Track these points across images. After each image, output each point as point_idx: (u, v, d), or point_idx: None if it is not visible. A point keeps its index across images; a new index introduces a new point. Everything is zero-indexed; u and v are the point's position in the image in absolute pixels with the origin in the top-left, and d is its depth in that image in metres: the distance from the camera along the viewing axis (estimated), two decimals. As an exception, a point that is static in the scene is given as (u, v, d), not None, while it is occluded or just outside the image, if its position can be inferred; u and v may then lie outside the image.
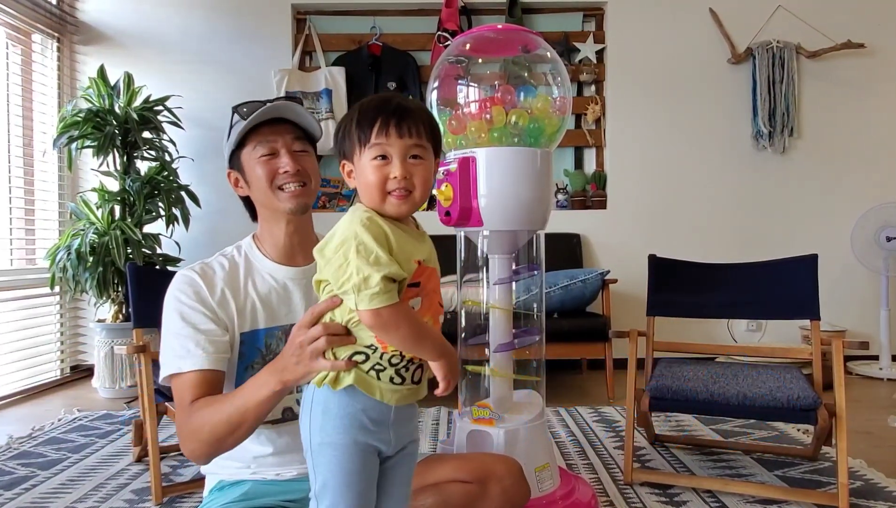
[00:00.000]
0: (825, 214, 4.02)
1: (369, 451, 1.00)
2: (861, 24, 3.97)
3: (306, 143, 1.30)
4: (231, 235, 1.46)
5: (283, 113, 1.27)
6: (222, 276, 1.26)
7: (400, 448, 1.04)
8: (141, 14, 4.00)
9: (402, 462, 1.06)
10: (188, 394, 1.16)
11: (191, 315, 1.21)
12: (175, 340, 1.20)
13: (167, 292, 1.25)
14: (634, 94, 4.05)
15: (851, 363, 3.79)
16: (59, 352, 3.80)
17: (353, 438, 0.98)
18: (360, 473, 0.99)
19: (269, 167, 1.25)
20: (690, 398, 1.92)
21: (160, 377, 1.23)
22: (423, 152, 0.99)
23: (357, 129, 0.98)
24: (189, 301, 1.22)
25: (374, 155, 0.97)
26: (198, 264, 1.28)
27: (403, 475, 1.07)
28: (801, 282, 2.09)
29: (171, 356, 1.20)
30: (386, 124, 0.96)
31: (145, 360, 2.01)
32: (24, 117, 3.67)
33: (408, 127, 0.97)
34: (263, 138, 1.26)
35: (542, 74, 1.69)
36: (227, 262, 1.29)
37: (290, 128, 1.28)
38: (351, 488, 0.98)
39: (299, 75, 3.99)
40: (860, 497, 1.89)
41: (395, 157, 0.96)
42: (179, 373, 1.18)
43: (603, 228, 4.05)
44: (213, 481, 1.31)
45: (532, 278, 1.73)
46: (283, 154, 1.26)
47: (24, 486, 2.10)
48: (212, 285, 1.24)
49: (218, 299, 1.23)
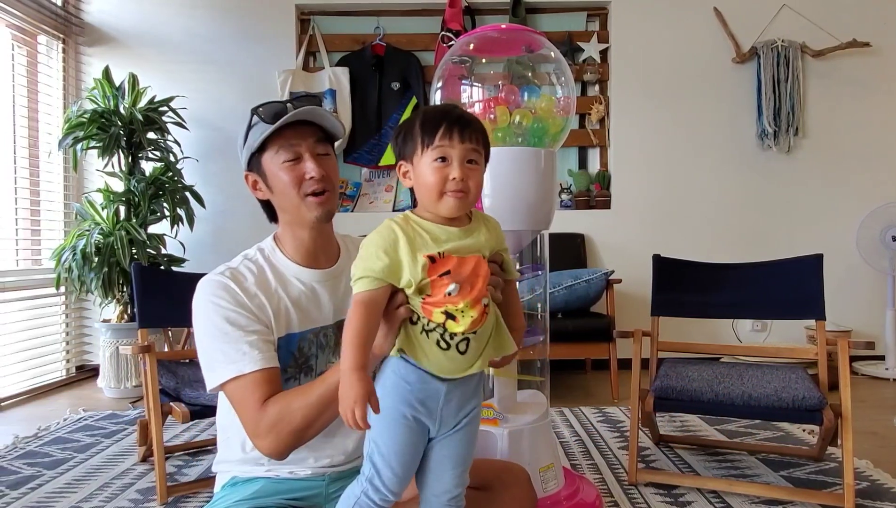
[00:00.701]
0: (830, 213, 4.00)
1: (418, 426, 1.07)
2: (866, 23, 3.96)
3: (328, 144, 1.28)
4: (235, 235, 1.46)
5: (308, 116, 1.24)
6: (253, 281, 1.24)
7: (453, 429, 1.09)
8: (145, 15, 4.01)
9: (452, 443, 1.10)
10: (257, 394, 1.14)
11: (236, 319, 1.18)
12: (225, 344, 1.17)
13: (199, 300, 1.22)
14: (638, 93, 4.05)
15: (857, 364, 3.77)
16: (65, 352, 3.82)
17: (402, 412, 1.05)
18: (406, 444, 1.07)
19: (294, 173, 1.23)
20: (695, 399, 1.91)
21: (210, 384, 1.20)
22: (478, 158, 1.07)
23: (422, 131, 1.05)
24: (230, 306, 1.19)
25: (435, 156, 1.04)
26: (226, 270, 1.25)
27: (452, 453, 1.10)
28: (807, 282, 2.08)
29: (223, 362, 1.17)
30: (450, 130, 1.04)
31: (150, 360, 2.02)
32: (29, 118, 3.68)
33: (469, 134, 1.05)
34: (286, 142, 1.23)
35: (546, 74, 1.69)
36: (254, 267, 1.27)
37: (312, 130, 1.26)
38: (398, 457, 1.06)
39: (303, 76, 3.99)
40: (866, 498, 1.89)
41: (454, 159, 1.04)
42: (241, 375, 1.15)
43: (607, 228, 4.04)
44: (225, 478, 1.31)
45: (536, 278, 1.73)
46: (308, 158, 1.23)
47: (30, 485, 2.11)
48: (247, 291, 1.22)
49: (257, 303, 1.21)
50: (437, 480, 1.11)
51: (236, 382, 1.16)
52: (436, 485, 1.11)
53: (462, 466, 1.12)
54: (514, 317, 1.15)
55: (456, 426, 1.10)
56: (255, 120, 1.25)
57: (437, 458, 1.11)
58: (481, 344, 1.05)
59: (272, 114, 1.23)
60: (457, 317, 1.01)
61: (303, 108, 1.23)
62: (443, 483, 1.11)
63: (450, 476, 1.10)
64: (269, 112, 1.23)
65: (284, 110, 1.23)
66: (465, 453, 1.12)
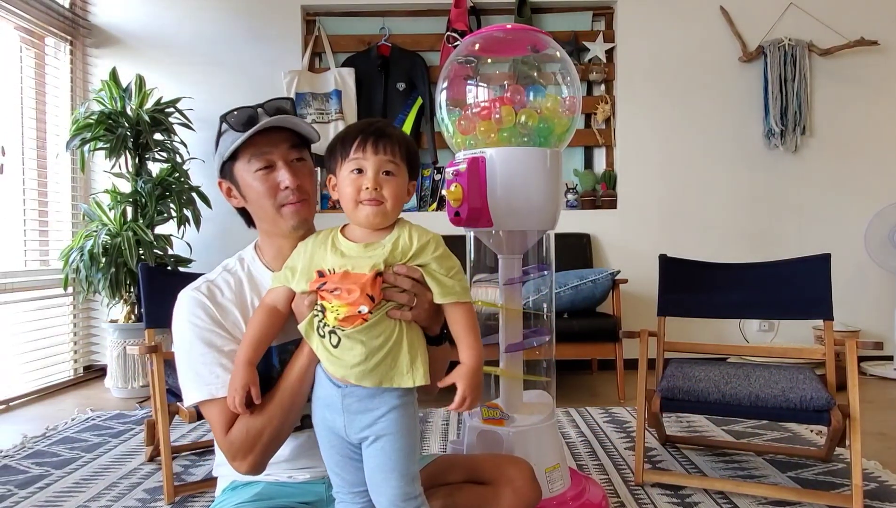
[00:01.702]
0: (838, 213, 3.98)
1: (333, 431, 1.14)
2: (874, 21, 3.94)
3: (302, 149, 1.25)
4: (242, 236, 1.46)
5: (279, 123, 1.20)
6: (230, 296, 1.23)
7: (365, 440, 1.11)
8: (152, 17, 4.03)
9: (371, 455, 1.11)
10: (227, 419, 1.16)
11: (211, 339, 1.18)
12: (201, 365, 1.18)
13: (177, 316, 1.22)
14: (644, 93, 4.03)
15: (865, 364, 3.75)
16: (73, 352, 3.84)
17: (318, 415, 1.16)
18: (328, 448, 1.16)
19: (268, 183, 1.20)
20: (702, 399, 1.91)
21: (186, 402, 1.21)
22: (395, 169, 1.12)
23: (341, 145, 1.13)
24: (205, 324, 1.19)
25: (351, 168, 1.11)
26: (203, 284, 1.24)
27: (376, 465, 1.10)
28: (814, 282, 2.07)
29: (197, 383, 1.18)
30: (364, 142, 1.11)
31: (157, 360, 2.03)
32: (37, 120, 3.70)
33: (383, 145, 1.10)
34: (258, 150, 1.20)
35: (552, 74, 1.69)
36: (231, 279, 1.26)
37: (285, 135, 1.22)
38: (328, 459, 1.16)
39: (309, 77, 4.00)
40: (874, 499, 1.87)
41: (369, 170, 1.10)
42: (213, 399, 1.17)
43: (613, 228, 4.03)
44: (225, 482, 1.31)
45: (542, 279, 1.72)
46: (281, 166, 1.20)
47: (39, 485, 2.12)
48: (221, 307, 1.21)
49: (231, 321, 1.21)
50: (377, 489, 1.11)
51: (209, 404, 1.18)
52: (379, 495, 1.11)
53: (397, 474, 1.09)
54: (460, 343, 1.12)
55: (366, 438, 1.11)
56: (225, 127, 1.23)
57: (369, 468, 1.11)
58: (359, 352, 1.07)
59: (242, 121, 1.20)
60: (327, 311, 1.09)
61: (273, 117, 1.20)
62: (385, 492, 1.09)
63: (390, 486, 1.09)
64: (239, 120, 1.20)
65: (255, 117, 1.20)
66: (392, 464, 1.09)
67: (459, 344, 1.12)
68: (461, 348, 1.12)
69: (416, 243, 1.11)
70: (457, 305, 1.11)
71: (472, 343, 1.11)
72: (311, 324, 1.12)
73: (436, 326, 1.17)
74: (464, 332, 1.11)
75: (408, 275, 1.09)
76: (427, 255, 1.11)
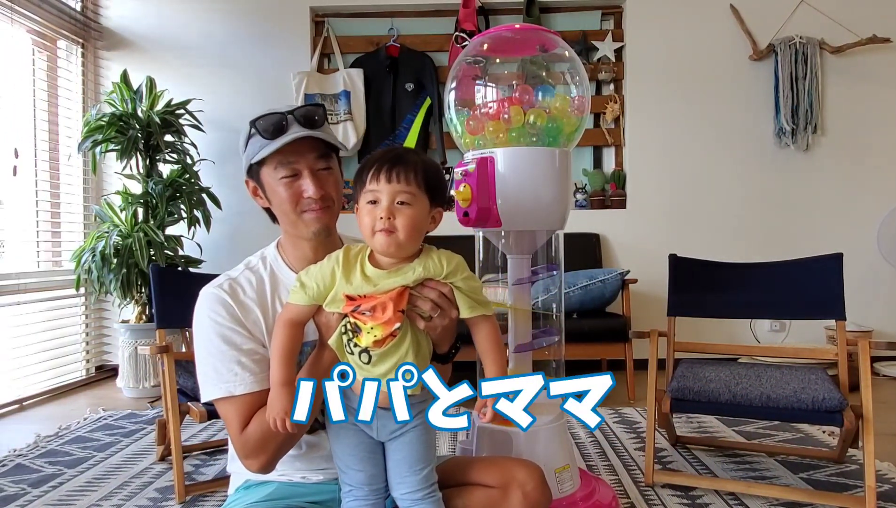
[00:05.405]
0: (850, 212, 3.94)
1: (357, 429, 1.16)
2: (886, 19, 3.89)
3: (329, 157, 1.25)
4: (252, 236, 1.47)
5: (306, 135, 1.20)
6: (252, 295, 1.24)
7: (392, 433, 1.16)
8: (163, 19, 4.06)
9: (398, 448, 1.16)
10: (241, 417, 1.18)
11: (231, 336, 1.19)
12: (219, 362, 1.19)
13: (198, 312, 1.23)
14: (654, 92, 4.02)
15: (878, 364, 3.71)
16: (85, 352, 3.87)
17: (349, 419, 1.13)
18: (352, 447, 1.16)
19: (291, 190, 1.21)
20: (712, 400, 1.90)
21: (204, 398, 1.22)
22: (410, 199, 1.10)
23: (359, 177, 1.14)
24: (226, 322, 1.20)
25: (368, 200, 1.11)
26: (225, 282, 1.25)
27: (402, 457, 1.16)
28: (826, 281, 2.05)
29: (216, 380, 1.19)
30: (378, 172, 1.10)
31: (168, 360, 2.04)
32: (49, 122, 3.74)
33: (397, 173, 1.09)
34: (285, 159, 1.21)
35: (560, 74, 1.68)
36: (253, 277, 1.27)
37: (313, 144, 1.22)
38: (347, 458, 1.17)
39: (318, 78, 4.01)
40: (888, 501, 1.86)
41: (383, 200, 1.10)
42: (231, 396, 1.18)
43: (622, 227, 4.02)
44: (239, 480, 1.32)
45: (551, 279, 1.72)
46: (306, 175, 1.21)
47: (51, 484, 2.14)
48: (243, 305, 1.22)
49: (252, 319, 1.22)
50: (400, 482, 1.17)
51: (226, 401, 1.19)
52: (400, 487, 1.17)
53: (419, 466, 1.16)
54: (486, 357, 1.18)
55: (395, 432, 1.15)
56: (253, 131, 1.23)
57: (392, 461, 1.17)
58: (390, 364, 1.10)
59: (270, 128, 1.20)
60: (362, 332, 1.09)
61: (300, 133, 1.19)
62: (406, 484, 1.16)
63: (411, 478, 1.16)
64: (268, 126, 1.20)
65: (283, 124, 1.20)
66: (417, 456, 1.16)
67: (485, 358, 1.19)
68: (486, 361, 1.19)
69: (447, 267, 1.14)
70: (483, 319, 1.18)
71: (496, 359, 1.18)
72: (340, 341, 1.13)
73: (446, 344, 1.21)
74: (489, 346, 1.18)
75: (437, 289, 1.14)
76: (457, 276, 1.15)
